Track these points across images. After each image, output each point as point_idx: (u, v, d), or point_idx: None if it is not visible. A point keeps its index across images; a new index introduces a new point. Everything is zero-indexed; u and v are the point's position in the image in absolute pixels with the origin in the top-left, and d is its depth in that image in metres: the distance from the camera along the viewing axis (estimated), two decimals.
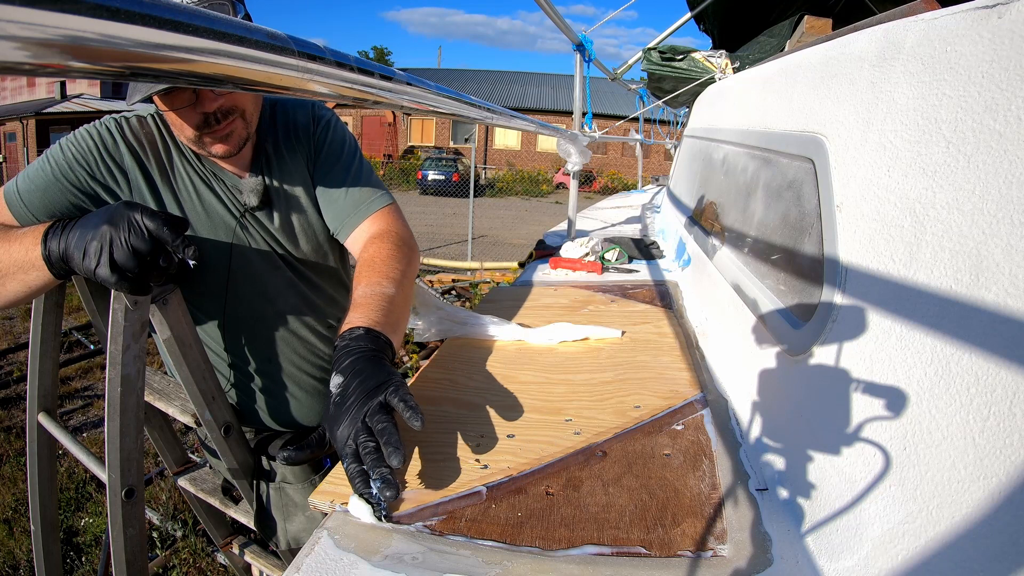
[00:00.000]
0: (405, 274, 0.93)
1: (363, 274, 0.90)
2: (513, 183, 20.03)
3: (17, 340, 4.46)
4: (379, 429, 0.62)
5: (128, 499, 0.85)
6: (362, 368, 0.69)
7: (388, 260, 0.93)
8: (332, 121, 1.07)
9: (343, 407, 0.66)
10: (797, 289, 0.77)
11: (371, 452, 0.61)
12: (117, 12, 0.28)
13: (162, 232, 0.73)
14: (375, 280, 0.88)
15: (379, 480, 0.59)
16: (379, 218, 1.03)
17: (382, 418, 0.63)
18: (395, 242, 0.98)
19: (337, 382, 0.69)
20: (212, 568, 2.12)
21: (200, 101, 0.85)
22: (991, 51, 0.48)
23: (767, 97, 1.11)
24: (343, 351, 0.73)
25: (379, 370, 0.70)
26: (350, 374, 0.69)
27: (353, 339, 0.74)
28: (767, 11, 2.92)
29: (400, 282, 0.90)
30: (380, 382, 0.67)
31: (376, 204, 1.03)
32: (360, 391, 0.67)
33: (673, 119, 7.88)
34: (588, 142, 2.25)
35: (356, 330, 0.76)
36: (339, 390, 0.68)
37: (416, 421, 0.63)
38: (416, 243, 1.04)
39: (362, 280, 0.89)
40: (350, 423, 0.64)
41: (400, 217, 1.06)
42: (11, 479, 2.67)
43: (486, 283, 5.86)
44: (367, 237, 1.00)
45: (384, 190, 1.06)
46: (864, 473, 0.53)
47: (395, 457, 0.59)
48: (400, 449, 0.60)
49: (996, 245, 0.45)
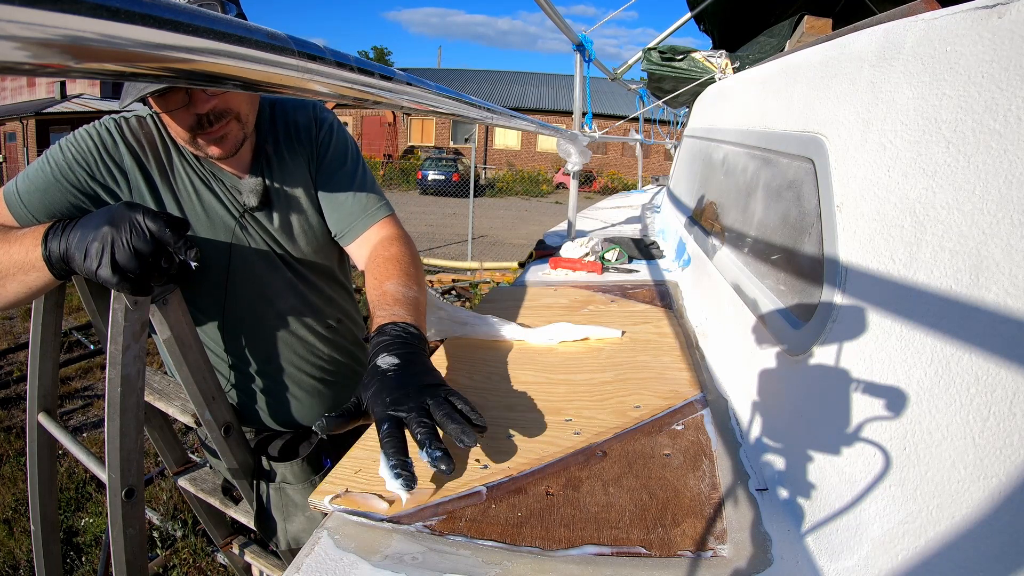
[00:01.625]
0: (423, 284, 0.96)
1: (392, 270, 0.92)
2: (513, 183, 20.02)
3: (17, 340, 4.46)
4: (443, 414, 0.62)
5: (128, 499, 0.85)
6: (420, 362, 0.71)
7: (412, 264, 0.96)
8: (335, 125, 1.07)
9: (399, 385, 0.66)
10: (797, 289, 0.77)
11: (429, 429, 0.60)
12: (117, 12, 0.28)
13: (164, 233, 0.73)
14: (407, 282, 0.90)
15: (438, 451, 0.58)
16: (386, 225, 1.05)
17: (447, 407, 0.63)
18: (411, 250, 1.01)
19: (392, 361, 0.69)
20: (212, 568, 2.12)
21: (193, 102, 0.85)
22: (991, 51, 0.48)
23: (767, 97, 1.11)
24: (398, 339, 0.74)
25: (434, 373, 0.71)
26: (408, 361, 0.70)
27: (408, 334, 0.76)
28: (767, 11, 2.92)
29: (423, 291, 0.93)
30: (440, 382, 0.68)
31: (382, 212, 1.06)
32: (417, 379, 0.67)
33: (673, 119, 7.88)
34: (588, 142, 2.25)
35: (411, 327, 0.78)
36: (394, 368, 0.68)
37: (481, 422, 0.64)
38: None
39: (393, 276, 0.91)
40: (405, 398, 0.64)
41: (402, 227, 1.09)
42: (11, 479, 2.67)
43: (486, 283, 5.86)
44: (380, 238, 1.02)
45: (385, 199, 1.09)
46: (864, 473, 0.53)
47: (469, 435, 0.60)
48: (473, 431, 0.61)
49: (996, 245, 0.45)
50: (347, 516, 0.60)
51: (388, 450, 0.59)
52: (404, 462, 0.58)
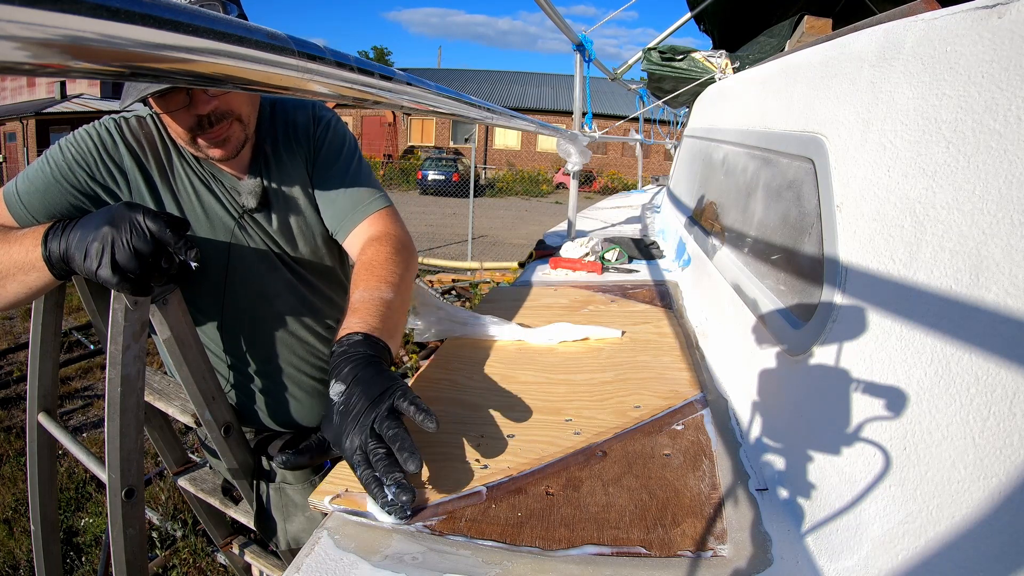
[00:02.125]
0: (403, 278, 0.92)
1: (361, 277, 0.89)
2: (513, 183, 20.02)
3: (17, 340, 4.46)
4: (390, 436, 0.62)
5: (128, 499, 0.85)
6: (364, 375, 0.68)
7: (386, 263, 0.92)
8: (332, 121, 1.07)
9: (348, 415, 0.65)
10: (797, 289, 0.77)
11: (383, 458, 0.60)
12: (117, 12, 0.28)
13: (164, 234, 0.73)
14: (373, 284, 0.87)
15: (394, 486, 0.58)
16: (377, 220, 1.02)
17: (392, 424, 0.63)
18: (394, 245, 0.97)
19: (339, 390, 0.68)
20: (212, 568, 2.12)
21: (193, 103, 0.85)
22: (991, 51, 0.48)
23: (767, 97, 1.11)
24: (341, 357, 0.71)
25: (381, 376, 0.69)
26: (351, 381, 0.68)
27: (351, 345, 0.73)
28: (767, 11, 2.92)
29: (398, 286, 0.89)
30: (384, 388, 0.67)
31: (374, 205, 1.03)
32: (364, 398, 0.66)
33: (673, 119, 7.88)
34: (588, 142, 2.25)
35: (354, 336, 0.74)
36: (342, 398, 0.67)
37: (431, 423, 0.63)
38: (414, 246, 1.04)
39: (360, 284, 0.88)
40: (358, 431, 0.63)
41: (398, 220, 1.06)
42: (11, 479, 2.67)
43: (486, 283, 5.86)
44: (365, 239, 0.99)
45: (382, 192, 1.06)
46: (864, 473, 0.53)
47: (412, 462, 0.59)
48: (416, 453, 0.60)
49: (996, 245, 0.45)
50: (347, 516, 0.60)
51: (370, 491, 0.60)
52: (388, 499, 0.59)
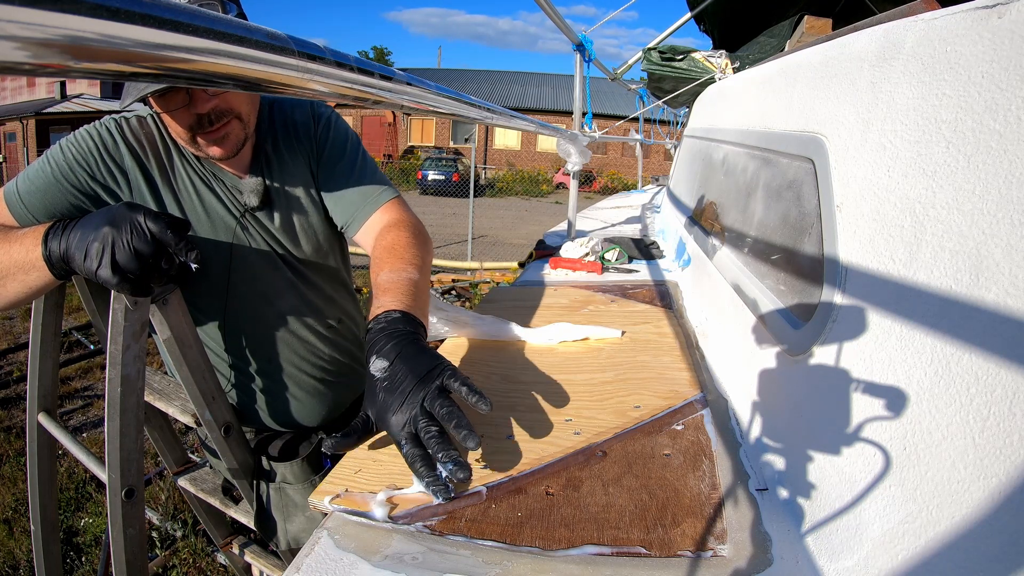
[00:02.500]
0: (425, 261, 0.92)
1: (385, 260, 0.89)
2: (513, 183, 20.02)
3: (17, 340, 4.46)
4: (444, 413, 0.61)
5: (128, 499, 0.85)
6: (408, 351, 0.67)
7: (408, 247, 0.92)
8: (332, 118, 1.07)
9: (395, 391, 0.64)
10: (797, 289, 0.77)
11: (435, 436, 0.60)
12: (117, 12, 0.28)
13: (165, 234, 0.73)
14: (399, 266, 0.86)
15: (450, 463, 0.58)
16: (389, 209, 1.02)
17: (445, 402, 0.62)
18: (411, 231, 0.97)
19: (382, 366, 0.66)
20: (212, 568, 2.12)
21: (193, 102, 0.85)
22: (991, 51, 0.48)
23: (767, 97, 1.11)
24: (381, 334, 0.70)
25: (426, 354, 0.68)
26: (396, 357, 0.67)
27: (390, 322, 0.72)
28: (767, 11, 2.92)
29: (422, 269, 0.88)
30: (432, 366, 0.65)
31: (384, 196, 1.03)
32: (412, 375, 0.64)
33: (673, 119, 7.88)
34: (588, 142, 2.25)
35: (392, 313, 0.73)
36: (385, 374, 0.66)
37: (484, 405, 0.62)
38: (428, 234, 1.04)
39: (385, 265, 0.87)
40: (407, 408, 0.63)
41: (409, 208, 1.06)
42: (11, 479, 2.67)
43: (486, 283, 5.86)
44: (381, 226, 1.00)
45: (389, 184, 1.06)
46: (864, 473, 0.53)
47: (471, 439, 0.59)
48: (474, 431, 0.59)
49: (996, 245, 0.45)
50: (347, 516, 0.60)
51: (417, 468, 0.60)
52: (436, 478, 0.59)
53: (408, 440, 0.61)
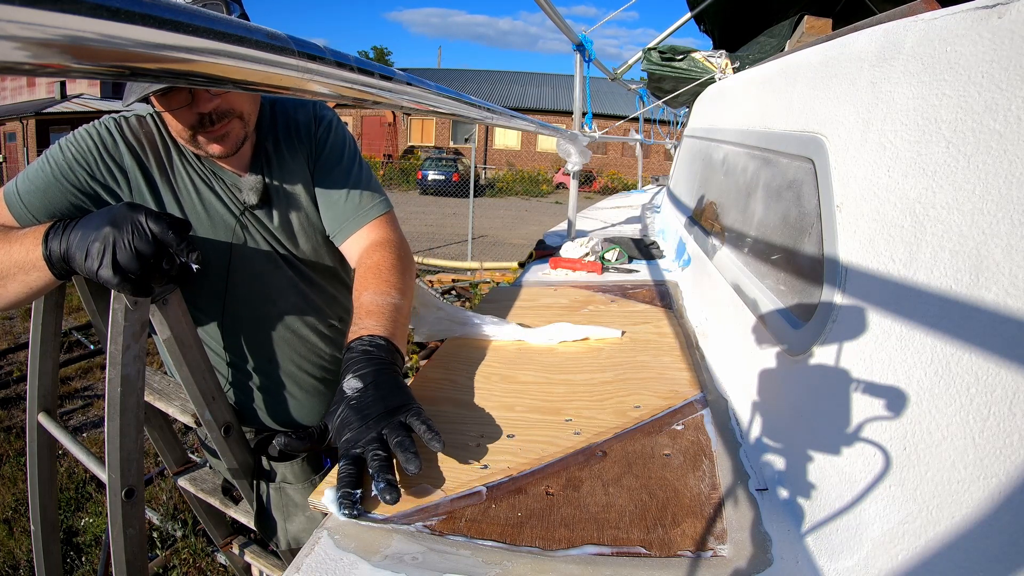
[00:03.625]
0: (409, 287, 0.96)
1: (370, 280, 0.92)
2: (513, 183, 20.02)
3: (17, 340, 4.46)
4: (396, 441, 0.64)
5: (128, 499, 0.85)
6: (384, 381, 0.71)
7: (392, 270, 0.95)
8: (334, 122, 1.07)
9: (360, 412, 0.67)
10: (797, 289, 0.77)
11: (381, 460, 0.62)
12: (117, 12, 0.28)
13: (166, 235, 0.73)
14: (383, 289, 0.90)
15: (384, 483, 0.59)
16: (378, 226, 1.04)
17: (401, 433, 0.65)
18: (397, 252, 1.00)
19: (355, 386, 0.70)
20: (212, 568, 2.12)
21: (196, 101, 0.85)
22: (991, 51, 0.48)
23: (767, 97, 1.11)
24: (363, 356, 0.74)
25: (400, 390, 0.72)
26: (371, 383, 0.70)
27: (375, 347, 0.76)
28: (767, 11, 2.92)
29: (405, 294, 0.92)
30: (401, 403, 0.69)
31: (375, 211, 1.04)
32: (380, 404, 0.68)
33: (673, 119, 7.88)
34: (588, 142, 2.25)
35: (378, 339, 0.77)
36: (357, 394, 0.69)
37: (437, 443, 0.65)
38: (411, 253, 1.06)
39: (370, 286, 0.90)
40: (364, 429, 0.65)
41: (397, 226, 1.08)
42: (11, 479, 2.67)
43: (486, 283, 5.86)
44: (367, 243, 1.01)
45: (383, 196, 1.07)
46: (864, 473, 0.53)
47: (413, 463, 0.61)
48: (419, 457, 0.62)
49: (996, 245, 0.45)
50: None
51: (339, 483, 0.61)
52: (349, 493, 0.60)
53: (350, 459, 0.64)
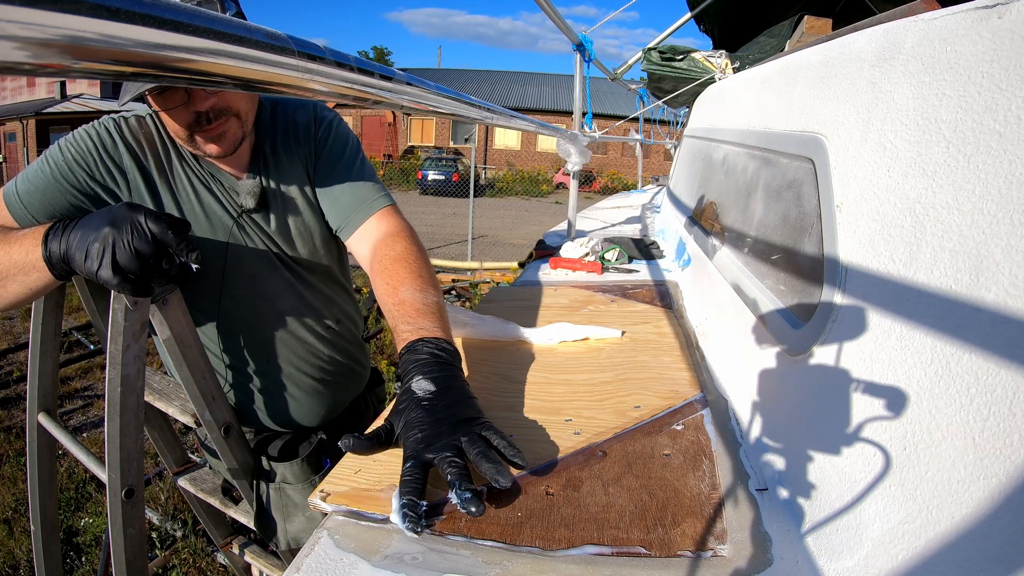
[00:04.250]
0: (437, 281, 0.94)
1: (404, 273, 0.89)
2: (513, 183, 20.02)
3: (17, 340, 4.46)
4: (477, 452, 0.61)
5: (128, 499, 0.85)
6: (457, 389, 0.71)
7: (421, 263, 0.93)
8: (335, 122, 1.07)
9: (433, 415, 0.66)
10: (797, 289, 0.77)
11: (460, 469, 0.59)
12: (117, 12, 0.28)
13: (166, 235, 0.73)
14: (422, 286, 0.88)
15: (468, 493, 0.56)
16: (386, 216, 1.02)
17: (481, 444, 0.63)
18: (417, 244, 0.99)
19: (428, 388, 0.69)
20: (212, 568, 2.12)
21: (192, 100, 0.85)
22: (991, 51, 0.48)
23: (767, 97, 1.11)
24: (433, 360, 0.73)
25: (472, 401, 0.71)
26: (444, 389, 0.69)
27: (443, 351, 0.75)
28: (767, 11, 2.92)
29: (440, 291, 0.91)
30: (475, 415, 0.68)
31: (380, 203, 1.03)
32: (453, 410, 0.67)
33: (673, 119, 7.88)
34: (588, 142, 2.25)
35: (444, 343, 0.76)
36: (430, 396, 0.68)
37: (520, 460, 0.63)
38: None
39: (407, 280, 0.88)
40: (438, 436, 0.63)
41: (403, 217, 1.06)
42: (11, 479, 2.67)
43: (486, 283, 5.86)
44: (381, 234, 0.99)
45: (385, 191, 1.06)
46: (864, 473, 0.53)
47: (505, 476, 0.59)
48: (508, 469, 0.60)
49: (996, 245, 0.45)
50: (347, 516, 0.60)
51: (403, 488, 0.58)
52: (415, 503, 0.56)
53: (417, 465, 0.61)
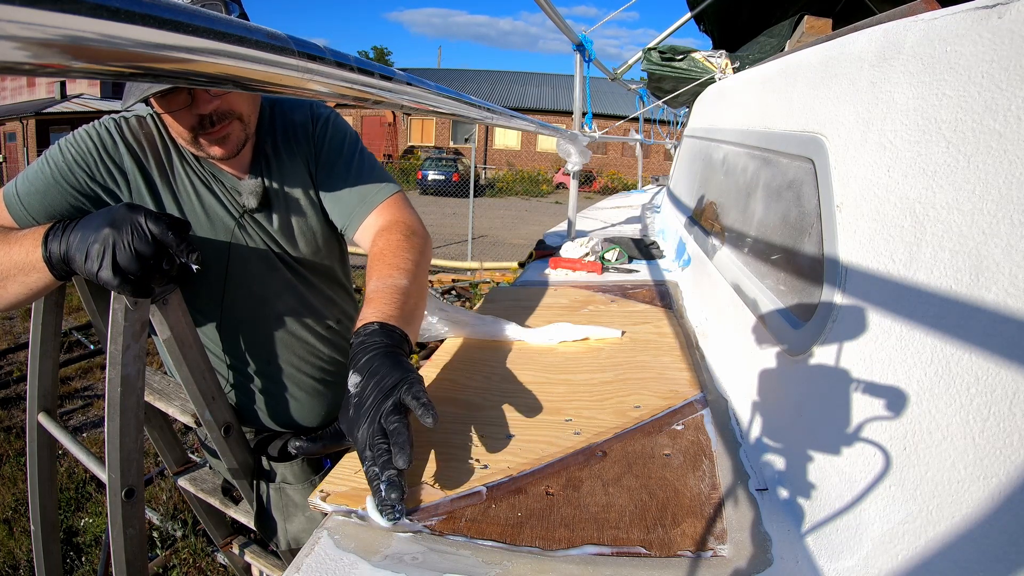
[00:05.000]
0: (418, 264, 0.91)
1: (374, 268, 0.89)
2: (513, 183, 20.02)
3: (17, 340, 4.46)
4: (391, 430, 0.61)
5: (128, 499, 0.85)
6: (379, 366, 0.68)
7: (397, 251, 0.91)
8: (331, 118, 1.07)
9: (361, 408, 0.65)
10: (797, 289, 0.77)
11: (383, 454, 0.60)
12: (117, 12, 0.28)
13: (166, 236, 0.72)
14: (385, 272, 0.86)
15: (385, 482, 0.58)
16: (386, 209, 1.01)
17: (395, 418, 0.62)
18: (404, 232, 0.96)
19: (355, 381, 0.68)
20: (212, 568, 2.12)
21: (195, 103, 0.85)
22: (991, 51, 0.48)
23: (767, 97, 1.11)
24: (359, 348, 0.71)
25: (396, 367, 0.68)
26: (367, 373, 0.68)
27: (368, 335, 0.73)
28: (767, 11, 2.92)
29: (412, 272, 0.88)
30: (396, 381, 0.66)
31: (381, 195, 1.02)
32: (377, 391, 0.65)
33: (673, 119, 7.88)
34: (588, 142, 2.25)
35: (370, 326, 0.74)
36: (357, 390, 0.67)
37: (428, 418, 0.62)
38: (427, 231, 1.02)
39: (373, 274, 0.87)
40: (368, 424, 0.63)
41: (408, 205, 1.05)
42: (11, 479, 2.67)
43: (486, 283, 5.86)
44: (376, 230, 0.99)
45: (389, 179, 1.05)
46: (864, 473, 0.53)
47: (401, 457, 0.58)
48: (405, 450, 0.59)
49: (996, 245, 0.45)
50: (347, 516, 0.60)
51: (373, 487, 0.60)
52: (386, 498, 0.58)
53: (368, 459, 0.61)
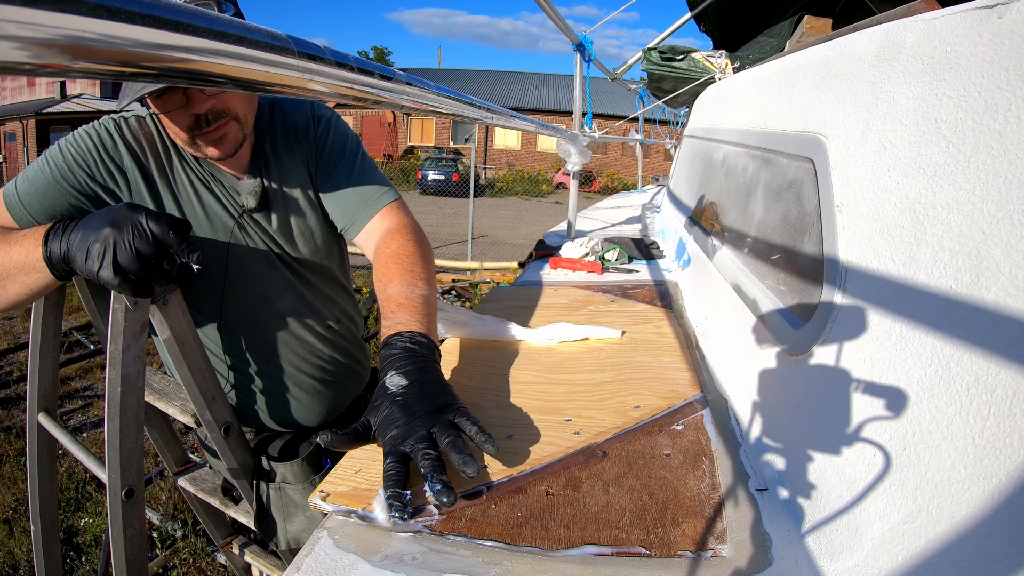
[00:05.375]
0: (432, 275, 0.94)
1: (394, 270, 0.90)
2: (513, 183, 20.02)
3: (17, 340, 4.46)
4: (448, 442, 0.62)
5: (128, 499, 0.85)
6: (429, 380, 0.70)
7: (416, 258, 0.93)
8: (332, 120, 1.07)
9: (406, 409, 0.66)
10: (797, 289, 0.77)
11: (434, 460, 0.61)
12: (117, 12, 0.28)
13: (167, 236, 0.73)
14: (409, 280, 0.88)
15: (439, 484, 0.58)
16: (389, 213, 1.02)
17: (452, 432, 0.64)
18: (415, 238, 0.98)
19: (400, 383, 0.69)
20: (212, 568, 2.12)
21: (191, 103, 0.85)
22: (991, 51, 0.48)
23: (767, 97, 1.11)
24: (406, 353, 0.73)
25: (445, 388, 0.71)
26: (416, 381, 0.69)
27: (416, 344, 0.75)
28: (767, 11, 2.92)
29: (431, 284, 0.91)
30: (448, 403, 0.68)
31: (384, 199, 1.03)
32: (426, 402, 0.67)
33: (673, 119, 7.88)
34: (588, 142, 2.25)
35: (418, 335, 0.76)
36: (402, 391, 0.68)
37: (490, 446, 0.64)
38: (428, 240, 1.04)
39: (395, 276, 0.88)
40: (411, 429, 0.64)
41: (408, 212, 1.06)
42: (11, 479, 2.67)
43: (486, 283, 5.86)
44: (382, 232, 1.00)
45: (389, 185, 1.06)
46: (864, 473, 0.53)
47: (471, 465, 0.60)
48: (476, 460, 0.61)
49: (996, 245, 0.45)
50: (347, 516, 0.60)
51: (387, 482, 0.60)
52: (399, 494, 0.59)
53: (396, 458, 0.62)
